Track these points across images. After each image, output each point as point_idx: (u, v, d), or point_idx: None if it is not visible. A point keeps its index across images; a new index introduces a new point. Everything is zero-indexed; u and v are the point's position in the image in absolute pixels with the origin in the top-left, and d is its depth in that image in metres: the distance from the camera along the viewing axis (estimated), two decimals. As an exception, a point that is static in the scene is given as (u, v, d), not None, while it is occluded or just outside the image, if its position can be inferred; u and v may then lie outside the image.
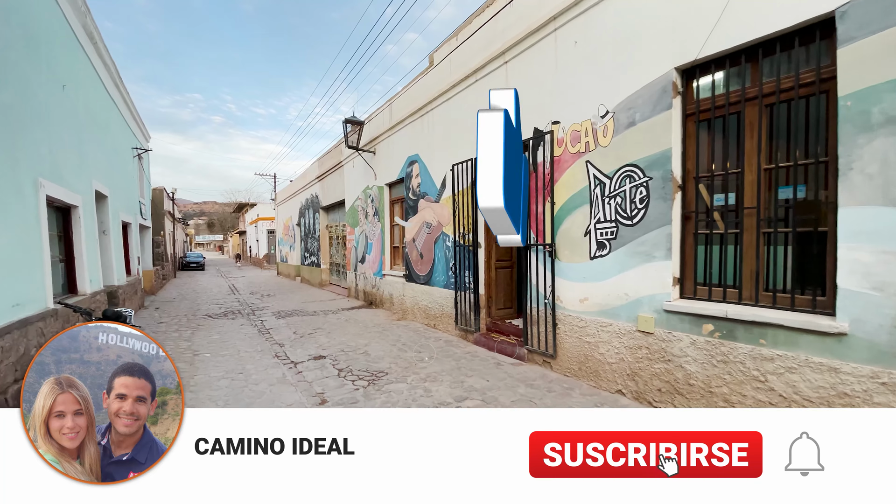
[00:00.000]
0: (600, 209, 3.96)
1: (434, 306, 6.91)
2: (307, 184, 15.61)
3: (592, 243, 4.04)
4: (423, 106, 7.02)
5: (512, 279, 6.05)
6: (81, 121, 6.02)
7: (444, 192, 6.57)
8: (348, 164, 11.06)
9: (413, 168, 7.56)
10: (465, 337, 6.02)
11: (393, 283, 8.59)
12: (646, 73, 3.56)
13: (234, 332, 7.20)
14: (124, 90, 8.90)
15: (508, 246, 4.93)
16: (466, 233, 5.91)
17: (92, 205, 6.38)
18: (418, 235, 7.43)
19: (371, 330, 7.05)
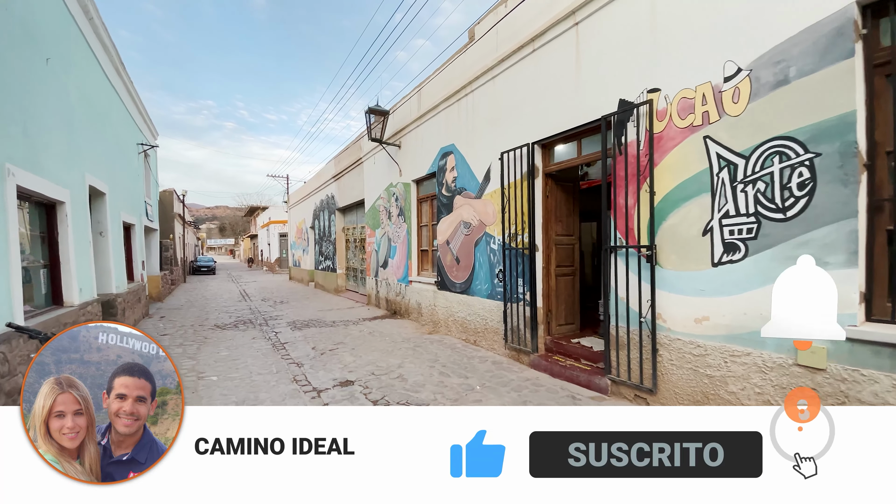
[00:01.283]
0: (729, 199, 2.98)
1: (474, 319, 5.95)
2: (322, 184, 14.80)
3: (716, 244, 3.05)
4: (462, 88, 6.10)
5: (574, 289, 5.07)
6: (72, 104, 5.22)
7: (487, 186, 5.63)
8: (368, 160, 10.19)
9: (447, 160, 6.63)
10: (517, 358, 5.05)
11: (421, 290, 7.65)
12: (806, 13, 2.59)
13: (245, 346, 6.32)
14: (128, 79, 8.15)
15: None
16: (519, 233, 4.95)
17: (84, 202, 5.56)
18: (454, 237, 6.49)
19: (401, 346, 6.11)
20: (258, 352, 6.02)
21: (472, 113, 5.96)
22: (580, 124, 4.20)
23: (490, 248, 5.60)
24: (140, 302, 8.75)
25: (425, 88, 7.29)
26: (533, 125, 4.78)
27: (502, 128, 5.30)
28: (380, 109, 7.89)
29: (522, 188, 4.87)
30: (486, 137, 5.64)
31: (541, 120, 4.69)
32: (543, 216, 4.80)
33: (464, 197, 6.20)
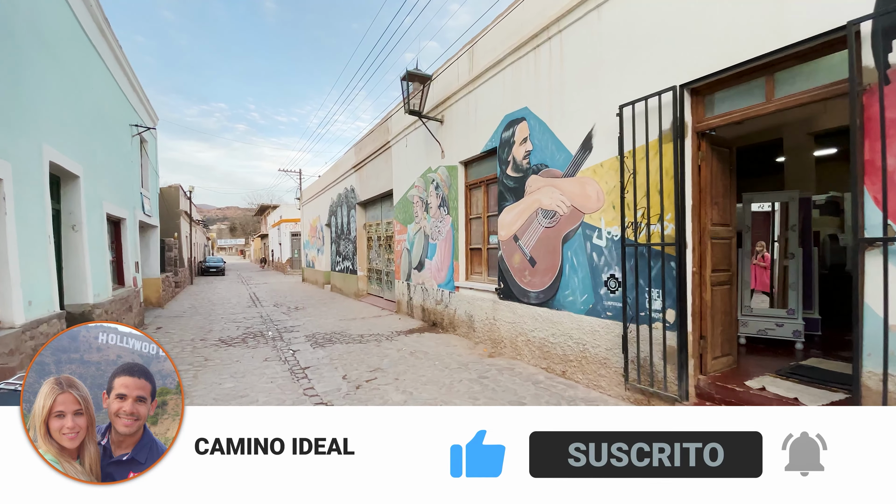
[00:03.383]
0: None
1: (563, 343, 4.38)
2: (340, 176, 13.35)
3: None
4: (541, 31, 4.55)
5: (731, 304, 3.48)
6: (19, 45, 3.78)
7: (586, 158, 4.07)
8: (398, 143, 8.69)
9: (515, 131, 5.09)
10: (647, 405, 3.47)
11: (473, 299, 6.11)
12: None
13: (255, 373, 4.85)
14: (116, 45, 6.75)
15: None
16: (653, 222, 3.39)
17: (41, 183, 4.13)
18: (525, 231, 4.94)
19: (460, 376, 4.57)
20: (272, 382, 4.53)
21: (558, 63, 4.40)
22: (785, 45, 2.63)
23: (592, 245, 4.03)
24: (131, 311, 7.35)
25: (479, 43, 5.75)
26: (679, 60, 3.22)
27: (615, 74, 3.73)
28: (421, 74, 6.36)
29: (659, 156, 3.30)
30: (584, 91, 4.08)
31: (695, 50, 3.12)
32: (694, 197, 3.23)
33: (543, 176, 4.64)
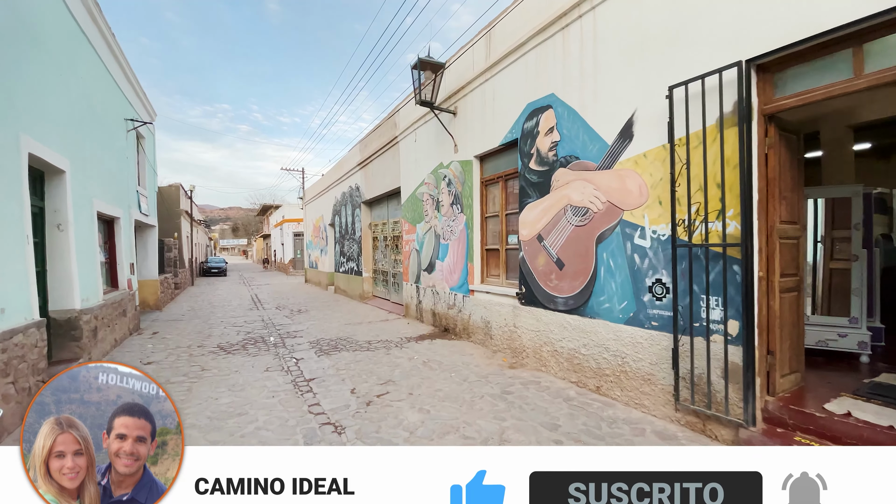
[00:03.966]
0: None
1: (598, 355, 3.94)
2: (344, 174, 12.93)
3: None
4: (570, 9, 4.11)
5: (799, 314, 3.03)
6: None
7: (626, 148, 3.62)
8: (407, 138, 8.26)
9: (540, 120, 4.64)
10: (703, 431, 3.02)
11: (490, 304, 5.66)
12: None
13: (255, 385, 4.42)
14: (109, 34, 6.34)
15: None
16: (711, 219, 2.94)
17: (18, 176, 3.71)
18: (552, 230, 4.50)
19: (481, 391, 4.13)
20: (273, 397, 4.11)
21: (590, 42, 3.96)
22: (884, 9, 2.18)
23: (633, 245, 3.58)
24: (125, 315, 6.93)
25: (498, 27, 5.31)
26: (745, 32, 2.77)
27: (662, 51, 3.29)
28: (433, 62, 5.92)
29: (720, 143, 2.86)
30: (623, 73, 3.63)
31: (765, 19, 2.67)
32: (761, 190, 2.78)
33: (572, 169, 4.20)
